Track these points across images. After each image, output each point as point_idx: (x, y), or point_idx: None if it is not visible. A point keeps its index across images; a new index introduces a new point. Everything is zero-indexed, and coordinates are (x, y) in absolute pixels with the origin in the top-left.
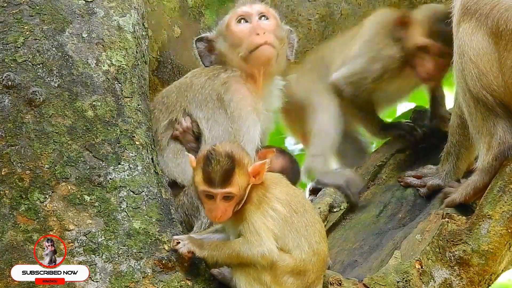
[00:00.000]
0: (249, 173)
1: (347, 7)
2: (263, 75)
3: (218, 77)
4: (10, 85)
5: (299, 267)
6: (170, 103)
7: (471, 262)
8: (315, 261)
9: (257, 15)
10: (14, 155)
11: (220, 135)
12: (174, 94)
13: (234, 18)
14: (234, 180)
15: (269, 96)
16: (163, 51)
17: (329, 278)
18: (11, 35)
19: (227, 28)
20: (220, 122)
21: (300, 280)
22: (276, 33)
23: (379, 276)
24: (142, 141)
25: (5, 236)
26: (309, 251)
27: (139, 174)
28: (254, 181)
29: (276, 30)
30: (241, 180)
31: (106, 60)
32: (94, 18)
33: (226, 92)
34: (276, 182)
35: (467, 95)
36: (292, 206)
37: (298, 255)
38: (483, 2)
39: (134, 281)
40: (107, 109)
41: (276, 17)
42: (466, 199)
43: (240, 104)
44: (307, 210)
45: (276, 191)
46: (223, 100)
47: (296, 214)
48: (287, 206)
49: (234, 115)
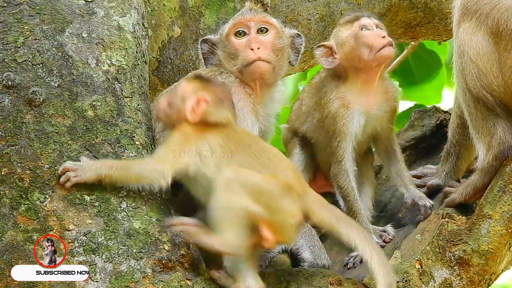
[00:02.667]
0: None
1: (347, 7)
2: (260, 84)
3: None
4: (10, 85)
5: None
6: None
7: (471, 262)
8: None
9: (256, 27)
10: (14, 155)
11: None
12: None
13: (233, 29)
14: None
15: (269, 101)
16: (163, 51)
17: (329, 278)
18: (11, 35)
19: (226, 38)
20: None
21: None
22: (274, 45)
23: None
24: (142, 141)
25: (5, 236)
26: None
27: None
28: None
29: (274, 42)
30: None
31: (106, 60)
32: (94, 18)
33: None
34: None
35: (467, 95)
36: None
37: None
38: (483, 2)
39: (134, 281)
40: (107, 109)
41: (276, 26)
42: (466, 199)
43: (237, 105)
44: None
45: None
46: None
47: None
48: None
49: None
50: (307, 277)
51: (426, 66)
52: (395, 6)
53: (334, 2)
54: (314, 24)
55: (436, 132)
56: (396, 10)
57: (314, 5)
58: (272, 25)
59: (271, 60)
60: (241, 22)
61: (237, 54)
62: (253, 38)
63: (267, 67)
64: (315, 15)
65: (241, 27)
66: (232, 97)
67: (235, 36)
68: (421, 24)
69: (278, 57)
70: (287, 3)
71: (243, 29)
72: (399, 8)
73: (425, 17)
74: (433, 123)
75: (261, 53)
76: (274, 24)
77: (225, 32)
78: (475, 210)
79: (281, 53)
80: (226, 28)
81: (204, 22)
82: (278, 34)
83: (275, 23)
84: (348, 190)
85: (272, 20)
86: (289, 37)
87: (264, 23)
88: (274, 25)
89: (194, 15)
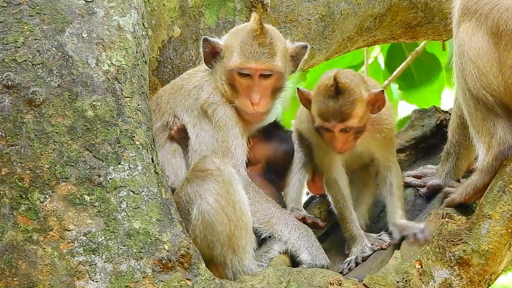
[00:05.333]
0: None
1: (347, 7)
2: None
3: (203, 90)
4: (10, 85)
5: None
6: (162, 104)
7: (471, 262)
8: None
9: (260, 73)
10: (14, 155)
11: (207, 141)
12: (167, 95)
13: (237, 67)
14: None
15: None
16: (163, 51)
17: (329, 278)
18: (11, 35)
19: (229, 69)
20: (206, 129)
21: None
22: (275, 87)
23: (379, 276)
24: (142, 141)
25: (5, 236)
26: None
27: (139, 174)
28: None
29: (275, 84)
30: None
31: (106, 60)
32: (94, 18)
33: (209, 106)
34: None
35: (467, 95)
36: None
37: None
38: (483, 2)
39: (134, 281)
40: (107, 109)
41: (280, 70)
42: (466, 199)
43: (224, 118)
44: None
45: None
46: (207, 113)
47: None
48: None
49: (220, 124)
50: (307, 277)
51: (426, 69)
52: (395, 6)
53: (334, 2)
54: (314, 24)
55: (436, 132)
56: (396, 10)
57: (314, 5)
58: (275, 69)
59: (268, 109)
60: (247, 67)
61: (236, 90)
62: (255, 89)
63: (263, 117)
64: (315, 15)
65: (246, 70)
66: (217, 110)
67: (239, 74)
68: (421, 24)
69: (276, 95)
70: (287, 3)
71: (247, 72)
72: (399, 8)
73: (425, 17)
74: (433, 123)
75: (259, 108)
76: (278, 68)
77: (230, 62)
78: (475, 210)
79: (281, 90)
80: (232, 59)
81: (204, 22)
82: (281, 75)
83: (279, 60)
84: (337, 198)
85: (276, 61)
86: (293, 52)
87: (268, 71)
88: (277, 69)
89: (194, 15)
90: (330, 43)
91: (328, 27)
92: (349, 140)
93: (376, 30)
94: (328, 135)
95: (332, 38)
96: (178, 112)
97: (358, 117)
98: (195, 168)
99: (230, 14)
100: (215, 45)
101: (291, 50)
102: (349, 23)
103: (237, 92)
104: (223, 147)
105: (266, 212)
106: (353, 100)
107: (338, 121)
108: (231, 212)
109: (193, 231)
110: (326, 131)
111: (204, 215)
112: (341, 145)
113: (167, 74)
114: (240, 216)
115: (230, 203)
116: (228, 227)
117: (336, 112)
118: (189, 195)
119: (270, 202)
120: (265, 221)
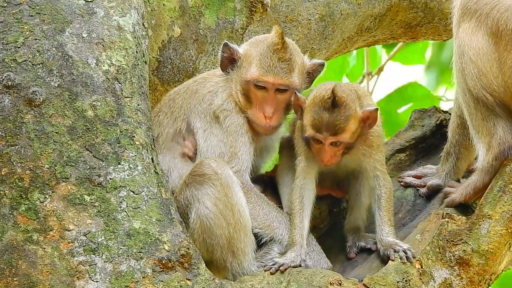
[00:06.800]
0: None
1: (347, 7)
2: None
3: (217, 96)
4: (10, 85)
5: None
6: (175, 108)
7: (471, 262)
8: None
9: (276, 87)
10: (14, 155)
11: (215, 144)
12: (180, 99)
13: (254, 80)
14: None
15: None
16: (163, 51)
17: (329, 278)
18: (11, 35)
19: (246, 80)
20: (216, 133)
21: None
22: (288, 101)
23: (379, 276)
24: (142, 141)
25: (5, 236)
26: None
27: (139, 174)
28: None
29: (290, 98)
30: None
31: (106, 60)
32: (94, 18)
33: (221, 112)
34: None
35: (467, 95)
36: None
37: None
38: (483, 2)
39: (134, 281)
40: (107, 109)
41: (296, 85)
42: (466, 199)
43: (234, 125)
44: None
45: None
46: (218, 118)
47: None
48: None
49: (229, 130)
50: (307, 277)
51: None
52: (395, 6)
53: (334, 2)
54: (314, 24)
55: (436, 132)
56: (396, 10)
57: (314, 5)
58: (292, 85)
59: (280, 123)
60: (264, 80)
61: (250, 101)
62: (269, 102)
63: (273, 130)
64: (315, 15)
65: (263, 83)
66: (229, 117)
67: (255, 86)
68: (421, 24)
69: (289, 110)
70: (287, 3)
71: (264, 85)
72: (399, 8)
73: (425, 17)
74: (433, 123)
75: (272, 122)
76: (295, 85)
77: (248, 73)
78: (475, 210)
79: (290, 109)
80: (250, 70)
81: (204, 22)
82: (296, 91)
83: (296, 78)
84: (295, 204)
85: (293, 77)
86: (310, 69)
87: (285, 86)
88: (294, 85)
89: (194, 15)
90: (330, 43)
91: (328, 27)
92: (337, 154)
93: (376, 30)
94: (317, 147)
95: (332, 38)
96: (191, 118)
97: (350, 132)
98: (193, 172)
99: (230, 14)
100: (234, 52)
101: (308, 67)
102: (349, 23)
103: (251, 103)
104: (230, 151)
105: (267, 216)
106: (348, 115)
107: (331, 134)
108: (230, 215)
109: (192, 234)
110: (316, 142)
111: (203, 219)
112: (328, 158)
113: (167, 74)
114: (238, 219)
115: (228, 206)
116: (227, 230)
117: (330, 125)
118: (187, 199)
119: (271, 206)
120: (266, 225)
